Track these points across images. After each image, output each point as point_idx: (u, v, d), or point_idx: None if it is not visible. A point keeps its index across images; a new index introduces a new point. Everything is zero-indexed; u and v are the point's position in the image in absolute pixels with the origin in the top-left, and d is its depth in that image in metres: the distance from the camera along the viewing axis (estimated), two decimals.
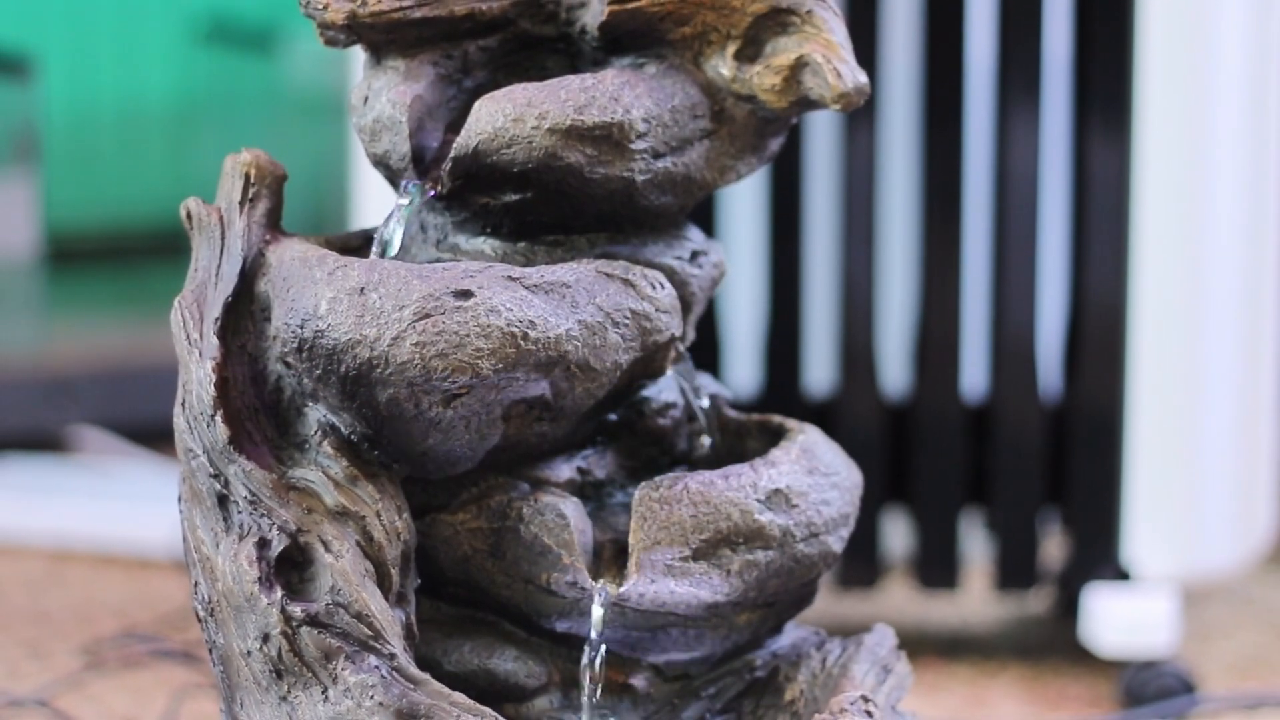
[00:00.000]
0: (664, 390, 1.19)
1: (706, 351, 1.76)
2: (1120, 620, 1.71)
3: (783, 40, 1.14)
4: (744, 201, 1.79)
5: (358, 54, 1.19)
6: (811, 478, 1.16)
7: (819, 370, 1.81)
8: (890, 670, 1.18)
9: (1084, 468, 1.75)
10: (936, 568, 1.78)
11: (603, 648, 1.13)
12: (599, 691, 1.14)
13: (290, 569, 1.08)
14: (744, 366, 1.81)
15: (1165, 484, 1.74)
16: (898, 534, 1.84)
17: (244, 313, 1.11)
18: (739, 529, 1.13)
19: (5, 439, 2.58)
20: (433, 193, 1.14)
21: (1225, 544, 1.77)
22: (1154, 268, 1.72)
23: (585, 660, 1.13)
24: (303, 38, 3.42)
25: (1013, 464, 1.76)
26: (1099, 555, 1.75)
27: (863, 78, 1.13)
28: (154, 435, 2.57)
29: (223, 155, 1.15)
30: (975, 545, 1.86)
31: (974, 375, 1.79)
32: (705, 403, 1.21)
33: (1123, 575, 1.75)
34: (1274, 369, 1.81)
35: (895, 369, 1.81)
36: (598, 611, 1.12)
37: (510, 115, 1.11)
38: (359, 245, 1.17)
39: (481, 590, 1.14)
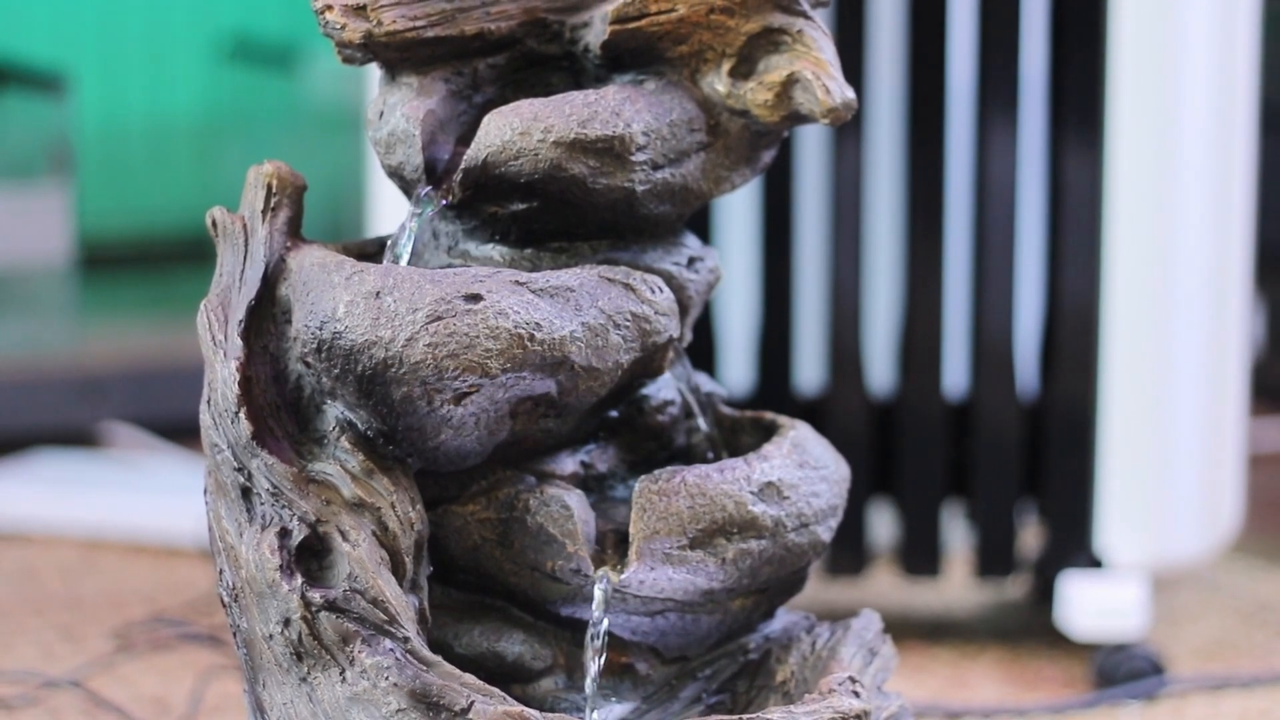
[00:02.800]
0: (663, 388, 1.19)
1: (703, 352, 1.75)
2: (1093, 605, 1.71)
3: (775, 58, 1.14)
4: (738, 210, 1.79)
5: (374, 71, 1.19)
6: (802, 471, 1.16)
7: (809, 370, 1.81)
8: (876, 653, 1.18)
9: (1059, 461, 1.75)
10: (920, 556, 1.78)
11: (605, 631, 1.13)
12: (601, 673, 1.14)
13: (310, 557, 1.08)
14: (738, 366, 1.81)
15: (1136, 476, 1.73)
16: (883, 524, 1.84)
17: (266, 315, 1.11)
18: (733, 519, 1.13)
19: (41, 434, 2.58)
20: (444, 202, 1.14)
21: (1193, 533, 1.77)
22: (1125, 272, 1.72)
23: (588, 643, 1.13)
24: (322, 56, 3.42)
25: (992, 458, 1.76)
26: (1073, 544, 1.75)
27: (850, 93, 1.13)
28: (181, 431, 2.57)
29: (246, 167, 1.15)
30: (956, 535, 1.86)
31: (955, 374, 1.79)
32: (706, 386, 1.21)
33: (1096, 563, 1.75)
34: (1239, 367, 1.81)
35: (881, 369, 1.81)
36: (600, 597, 1.12)
37: (518, 129, 1.11)
38: (375, 252, 1.17)
39: (490, 577, 1.14)
